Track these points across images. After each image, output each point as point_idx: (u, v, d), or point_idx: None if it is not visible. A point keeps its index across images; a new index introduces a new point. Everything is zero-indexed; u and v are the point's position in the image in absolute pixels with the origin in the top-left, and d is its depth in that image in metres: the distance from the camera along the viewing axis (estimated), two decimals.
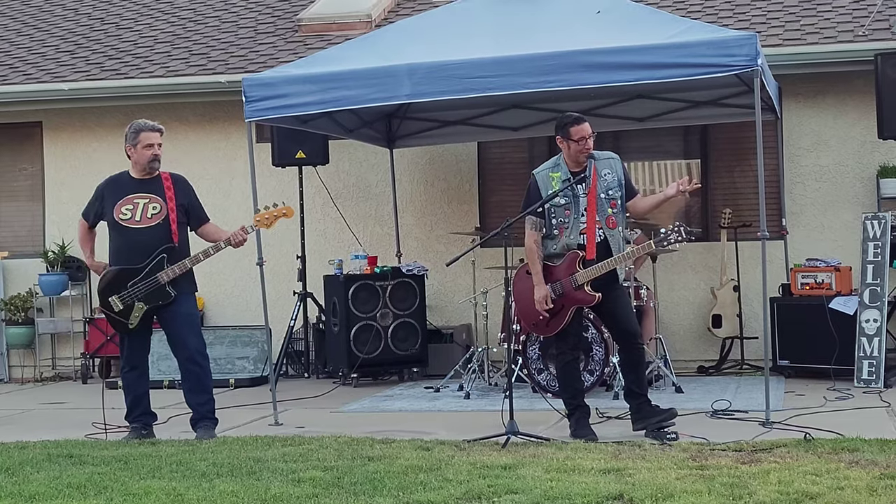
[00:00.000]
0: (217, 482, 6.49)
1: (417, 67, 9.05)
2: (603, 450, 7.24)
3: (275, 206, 8.63)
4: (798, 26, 11.94)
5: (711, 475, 6.34)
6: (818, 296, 10.71)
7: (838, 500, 5.68)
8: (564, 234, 8.04)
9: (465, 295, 11.91)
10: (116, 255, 8.47)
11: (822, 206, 11.96)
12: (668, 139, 12.58)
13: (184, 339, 8.45)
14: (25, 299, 13.24)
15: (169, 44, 13.85)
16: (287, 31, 13.83)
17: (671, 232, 7.97)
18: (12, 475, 6.89)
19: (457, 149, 12.87)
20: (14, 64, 13.76)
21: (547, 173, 8.16)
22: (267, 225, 8.64)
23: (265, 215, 8.60)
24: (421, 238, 12.90)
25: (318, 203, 12.90)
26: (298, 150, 12.16)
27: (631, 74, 8.74)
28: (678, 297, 12.20)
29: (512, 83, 8.96)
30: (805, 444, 7.28)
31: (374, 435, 8.11)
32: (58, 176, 13.63)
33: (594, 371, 9.90)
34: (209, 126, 13.28)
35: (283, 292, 12.53)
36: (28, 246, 13.72)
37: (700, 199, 12.37)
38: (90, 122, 13.53)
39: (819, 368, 10.59)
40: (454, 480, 6.36)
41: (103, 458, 7.32)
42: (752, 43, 8.40)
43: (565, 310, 8.08)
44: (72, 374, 13.23)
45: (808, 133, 12.00)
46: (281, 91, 9.34)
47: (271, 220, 8.61)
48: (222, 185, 13.08)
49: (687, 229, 7.97)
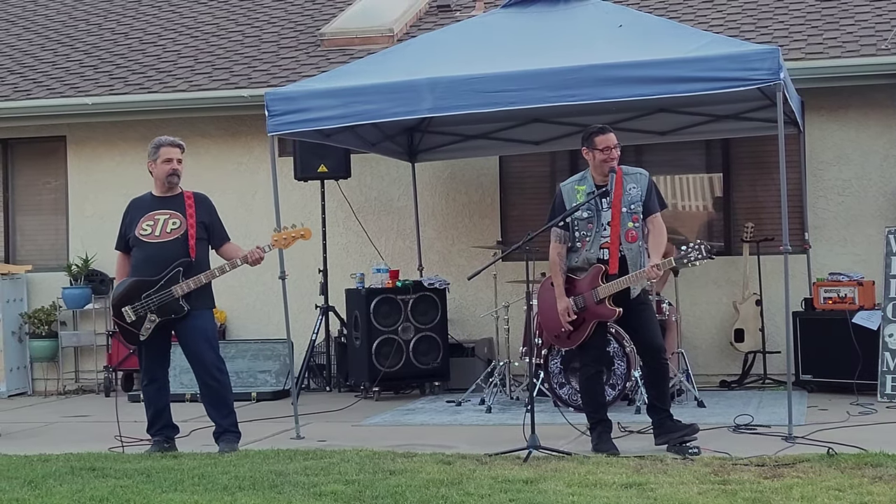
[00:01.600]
0: (239, 495, 6.50)
1: (439, 81, 9.07)
2: (625, 464, 7.23)
3: (293, 227, 8.64)
4: (820, 40, 11.91)
5: (734, 490, 6.32)
6: (841, 310, 10.67)
7: None
8: (586, 248, 8.04)
9: (487, 309, 11.90)
10: (134, 268, 8.51)
11: (845, 220, 11.92)
12: (690, 153, 12.56)
13: (200, 354, 8.46)
14: (49, 312, 13.30)
15: (192, 58, 13.92)
16: (310, 45, 13.88)
17: (692, 249, 7.95)
18: (35, 488, 6.92)
19: (478, 163, 12.88)
20: (38, 78, 13.84)
21: (573, 186, 8.17)
22: (284, 245, 8.65)
23: (283, 235, 8.61)
24: (442, 252, 12.91)
25: (340, 217, 12.92)
26: (321, 163, 12.19)
27: (653, 88, 8.74)
28: (700, 312, 12.16)
29: (533, 97, 8.97)
30: (828, 458, 7.25)
31: (396, 449, 8.11)
32: (81, 190, 13.69)
33: (616, 385, 9.88)
34: (232, 140, 13.33)
35: (305, 306, 12.55)
36: (52, 259, 13.78)
37: (722, 213, 12.35)
38: (114, 136, 13.59)
39: (842, 383, 10.55)
40: (476, 494, 6.36)
41: (126, 471, 7.34)
42: (774, 57, 8.40)
43: (587, 323, 8.08)
44: (95, 387, 13.28)
45: (830, 147, 11.97)
46: (303, 105, 9.37)
47: (289, 240, 8.61)
48: (245, 199, 13.11)
49: (708, 247, 7.95)
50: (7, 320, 13.10)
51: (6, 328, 13.08)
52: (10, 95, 13.43)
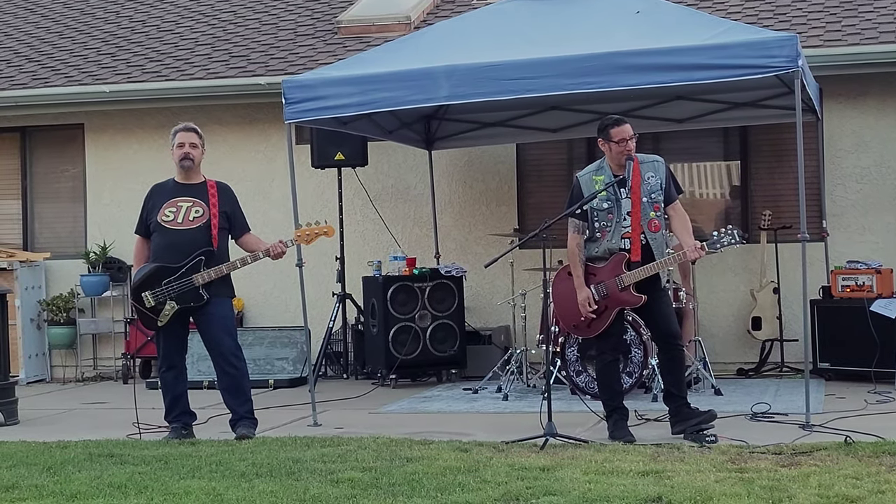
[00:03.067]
0: (256, 482, 6.52)
1: (456, 69, 9.06)
2: (641, 452, 7.23)
3: (317, 224, 8.67)
4: (839, 27, 11.86)
5: (751, 478, 6.32)
6: (859, 298, 10.64)
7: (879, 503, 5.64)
8: (606, 238, 8.04)
9: (504, 296, 11.91)
10: (155, 255, 8.54)
11: (863, 208, 11.88)
12: (707, 141, 12.53)
13: (218, 341, 8.48)
14: (67, 300, 13.35)
15: (209, 46, 13.93)
16: (326, 33, 13.88)
17: (724, 234, 7.94)
18: (54, 474, 6.96)
19: (495, 150, 12.87)
20: (56, 67, 13.87)
21: (591, 176, 8.15)
22: (307, 241, 8.67)
23: (306, 231, 8.63)
24: (459, 239, 12.91)
25: (357, 204, 12.93)
26: (338, 151, 12.20)
27: (670, 76, 8.72)
28: (718, 300, 12.14)
29: (551, 85, 8.96)
30: (845, 447, 7.23)
31: (413, 436, 8.12)
32: (99, 177, 13.73)
33: (633, 373, 9.87)
34: (249, 128, 13.34)
35: (322, 293, 12.57)
36: (70, 247, 13.83)
37: (740, 201, 12.32)
38: (131, 123, 13.62)
39: (860, 371, 10.52)
40: (492, 482, 6.37)
41: (143, 458, 7.37)
42: (792, 44, 8.36)
43: (608, 311, 8.08)
44: (113, 374, 13.33)
45: (848, 134, 11.93)
46: (320, 93, 9.37)
47: (311, 236, 8.64)
48: (262, 187, 13.13)
49: (740, 231, 7.96)
50: (25, 307, 13.15)
51: (25, 315, 13.13)
52: (29, 83, 13.47)
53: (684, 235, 8.06)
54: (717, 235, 7.97)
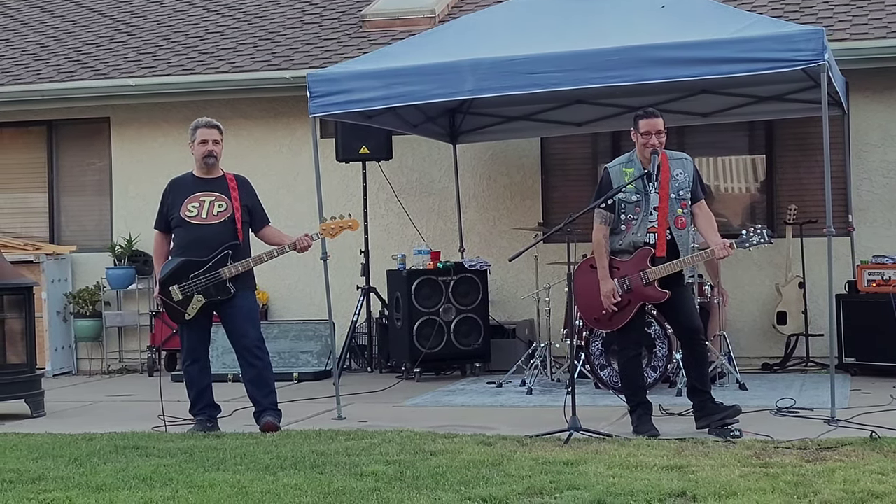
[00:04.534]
0: (281, 475, 6.55)
1: (481, 63, 9.06)
2: (666, 447, 7.22)
3: (341, 218, 8.70)
4: (865, 20, 11.80)
5: (775, 473, 6.30)
6: (885, 293, 10.59)
7: None
8: (631, 231, 8.02)
9: (528, 290, 11.90)
10: (180, 249, 8.57)
11: (890, 203, 11.82)
12: (733, 135, 12.49)
13: (243, 334, 8.52)
14: (93, 293, 13.42)
15: (234, 39, 13.96)
16: (351, 26, 13.89)
17: (753, 233, 7.93)
18: (80, 466, 7.00)
19: (520, 144, 12.86)
20: (82, 60, 13.93)
21: (620, 168, 8.14)
22: (332, 235, 8.73)
23: (331, 225, 8.67)
24: (484, 233, 12.91)
25: (382, 198, 12.94)
26: (362, 145, 12.21)
27: (696, 70, 8.70)
28: (743, 294, 12.11)
29: (576, 78, 8.95)
30: (871, 442, 7.22)
31: (437, 429, 8.14)
32: (125, 171, 13.78)
33: (657, 367, 9.86)
34: (274, 122, 13.37)
35: (346, 287, 12.59)
36: (96, 240, 13.88)
37: (765, 195, 12.28)
38: (157, 117, 13.67)
39: (886, 366, 10.49)
40: (516, 476, 6.37)
41: (169, 451, 7.41)
42: (818, 38, 8.32)
43: (631, 305, 8.07)
44: (138, 367, 13.38)
45: (875, 128, 11.87)
46: (345, 87, 9.39)
47: (336, 230, 8.68)
48: (287, 180, 13.16)
49: (770, 231, 7.96)
50: (52, 300, 13.22)
51: (51, 308, 13.20)
52: (55, 77, 13.53)
53: (710, 233, 8.05)
54: (745, 234, 7.96)
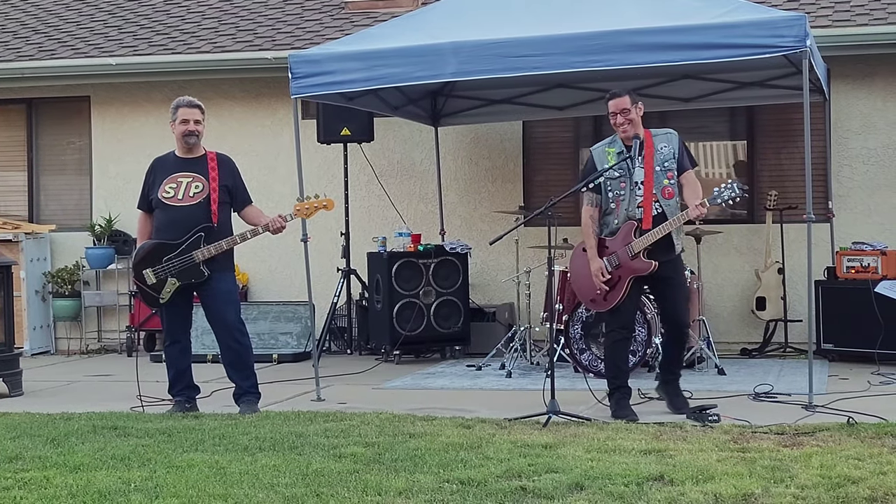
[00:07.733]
0: (259, 456, 6.54)
1: (463, 46, 9.04)
2: (644, 430, 7.24)
3: (316, 198, 8.63)
4: (848, 7, 11.82)
5: (753, 458, 6.32)
6: (864, 279, 10.63)
7: (881, 484, 5.65)
8: (622, 207, 8.04)
9: (508, 274, 11.91)
10: (156, 231, 8.54)
11: (870, 189, 11.86)
12: (714, 120, 12.51)
13: (222, 315, 8.49)
14: (72, 272, 13.37)
15: (216, 20, 13.90)
16: (334, 8, 13.84)
17: (725, 189, 7.96)
18: (58, 446, 6.97)
19: (502, 127, 12.85)
20: (63, 38, 13.85)
21: (603, 149, 8.19)
22: (306, 215, 8.63)
23: (305, 205, 8.60)
24: (465, 216, 12.91)
25: (363, 180, 12.93)
26: (344, 127, 12.19)
27: (678, 55, 8.70)
28: (722, 279, 12.14)
29: (558, 62, 8.93)
30: (848, 428, 7.24)
31: (416, 412, 8.14)
32: (105, 150, 13.73)
33: (636, 352, 9.86)
34: (255, 102, 13.33)
35: (326, 269, 12.58)
36: (75, 219, 13.83)
37: (746, 181, 12.29)
38: (138, 96, 13.61)
39: (863, 353, 10.52)
40: (495, 459, 6.38)
41: (147, 431, 7.39)
42: (801, 24, 8.34)
43: (622, 281, 8.08)
44: (117, 347, 13.36)
45: (856, 115, 11.90)
46: (327, 68, 9.36)
47: (311, 210, 8.61)
48: (268, 161, 13.13)
49: (740, 184, 7.97)
50: (30, 279, 13.17)
51: (30, 287, 13.15)
52: (35, 55, 13.46)
53: (691, 199, 8.08)
54: (717, 191, 8.00)
